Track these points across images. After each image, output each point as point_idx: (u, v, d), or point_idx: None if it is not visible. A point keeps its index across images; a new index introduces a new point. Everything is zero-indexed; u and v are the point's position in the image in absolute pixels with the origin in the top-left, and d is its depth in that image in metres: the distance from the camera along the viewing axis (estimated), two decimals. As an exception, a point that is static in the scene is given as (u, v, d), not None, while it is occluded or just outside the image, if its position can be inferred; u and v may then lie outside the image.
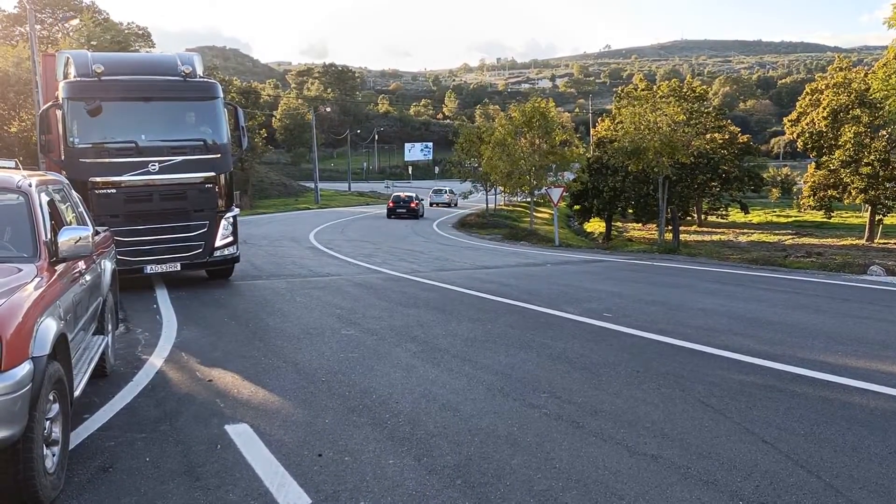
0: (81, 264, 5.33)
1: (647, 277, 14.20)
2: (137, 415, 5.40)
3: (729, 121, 44.55)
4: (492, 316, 9.43)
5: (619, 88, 43.75)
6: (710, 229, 45.47)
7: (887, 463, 4.27)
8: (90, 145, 10.94)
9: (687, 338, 7.73)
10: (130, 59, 14.38)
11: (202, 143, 11.68)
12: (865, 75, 31.46)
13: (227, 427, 5.06)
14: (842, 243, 35.02)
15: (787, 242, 35.48)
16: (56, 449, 4.03)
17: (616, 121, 30.12)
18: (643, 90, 36.30)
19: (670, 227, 33.28)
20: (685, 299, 10.78)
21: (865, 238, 36.09)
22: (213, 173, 11.67)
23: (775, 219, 54.01)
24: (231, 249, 12.09)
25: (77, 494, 3.98)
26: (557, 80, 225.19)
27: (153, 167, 11.11)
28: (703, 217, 48.59)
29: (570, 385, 6.04)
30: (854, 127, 31.13)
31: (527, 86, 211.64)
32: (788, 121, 40.15)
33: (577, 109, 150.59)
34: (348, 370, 6.60)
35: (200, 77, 12.19)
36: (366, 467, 4.32)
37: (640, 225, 42.81)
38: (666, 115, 23.18)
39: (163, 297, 10.88)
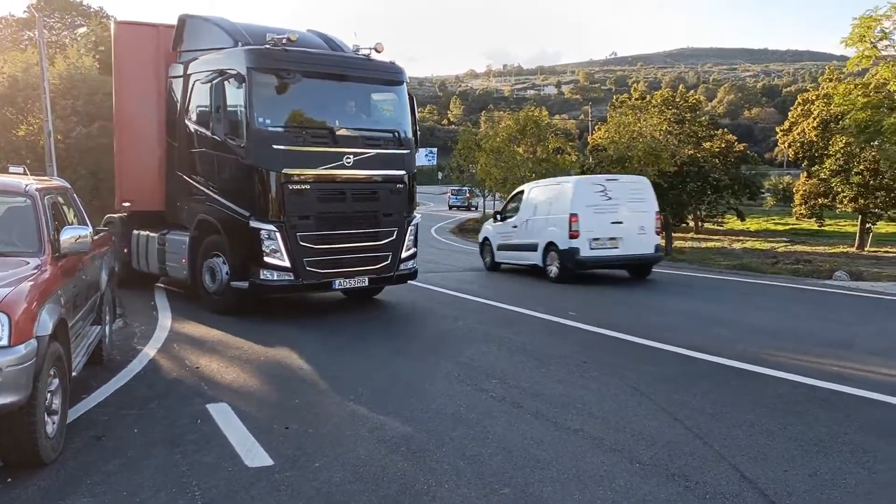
0: (81, 262, 6.00)
1: (622, 280, 14.81)
2: (129, 395, 6.07)
3: (725, 129, 45.08)
4: (465, 313, 10.09)
5: (615, 97, 44.41)
6: (707, 236, 45.97)
7: (775, 436, 4.91)
8: (283, 129, 9.16)
9: (639, 334, 8.37)
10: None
11: (394, 135, 10.08)
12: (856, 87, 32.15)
13: (208, 406, 5.72)
14: (833, 251, 35.44)
15: (779, 250, 35.87)
16: (56, 418, 4.69)
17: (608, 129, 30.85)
18: (637, 99, 37.07)
19: (664, 234, 33.86)
20: (650, 300, 11.45)
21: (856, 246, 36.59)
22: (403, 172, 10.10)
23: (772, 226, 54.44)
24: (413, 262, 10.49)
25: (73, 457, 4.64)
26: (563, 87, 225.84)
27: (348, 160, 9.39)
28: (700, 224, 49.06)
29: (519, 373, 6.70)
30: (844, 137, 31.73)
31: (532, 92, 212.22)
32: (781, 130, 40.74)
33: (581, 116, 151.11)
34: (323, 360, 7.28)
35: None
36: (325, 438, 4.98)
37: (637, 231, 43.36)
38: (650, 125, 23.95)
39: (160, 295, 11.54)
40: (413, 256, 10.38)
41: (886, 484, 4.18)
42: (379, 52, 9.91)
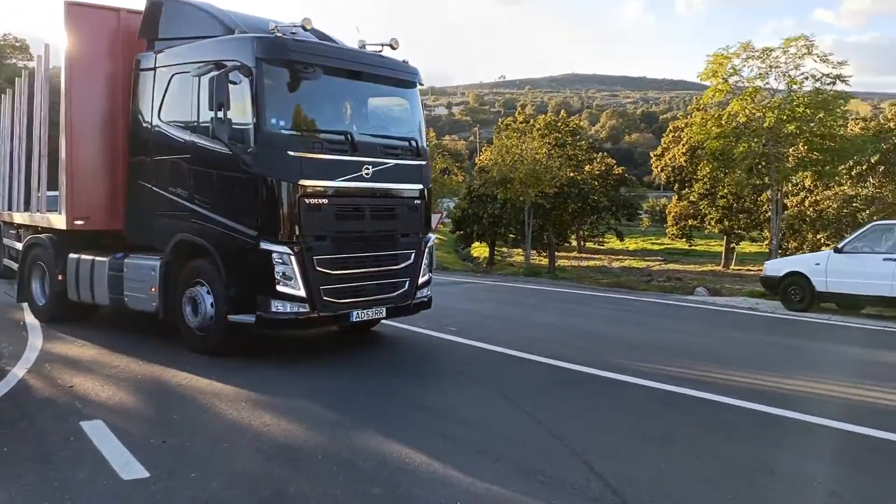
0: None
1: (502, 297, 15.49)
2: (-3, 415, 5.92)
3: (605, 153, 47.52)
4: (349, 333, 10.28)
5: (500, 120, 46.02)
6: (588, 255, 48.14)
7: (624, 435, 5.46)
8: (299, 133, 7.91)
9: (514, 347, 8.86)
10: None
11: (410, 144, 8.95)
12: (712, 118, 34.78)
13: (82, 423, 5.66)
14: (702, 269, 38.04)
15: (653, 268, 38.13)
16: (-83, 438, 4.56)
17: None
18: (521, 123, 38.69)
19: (546, 253, 35.26)
20: (526, 315, 12.07)
21: (722, 264, 39.42)
22: (420, 186, 8.96)
23: (649, 246, 57.62)
24: (428, 289, 9.27)
25: (-65, 478, 4.55)
26: (454, 108, 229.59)
27: (366, 171, 8.13)
28: (582, 243, 51.26)
29: (401, 389, 7.00)
30: (710, 163, 34.17)
31: (424, 112, 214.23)
32: (654, 155, 43.53)
33: (471, 137, 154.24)
34: (202, 375, 7.25)
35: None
36: (202, 450, 5.08)
37: (522, 250, 44.80)
38: (530, 148, 25.11)
39: (30, 314, 11.05)
40: (428, 283, 9.27)
41: (715, 471, 4.76)
42: (395, 48, 8.89)
